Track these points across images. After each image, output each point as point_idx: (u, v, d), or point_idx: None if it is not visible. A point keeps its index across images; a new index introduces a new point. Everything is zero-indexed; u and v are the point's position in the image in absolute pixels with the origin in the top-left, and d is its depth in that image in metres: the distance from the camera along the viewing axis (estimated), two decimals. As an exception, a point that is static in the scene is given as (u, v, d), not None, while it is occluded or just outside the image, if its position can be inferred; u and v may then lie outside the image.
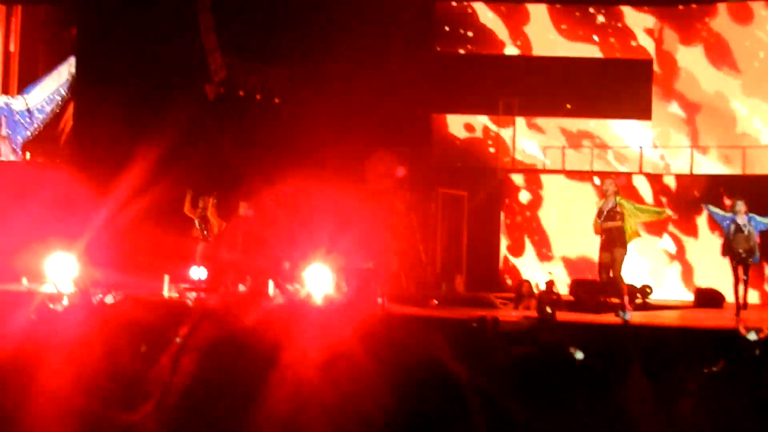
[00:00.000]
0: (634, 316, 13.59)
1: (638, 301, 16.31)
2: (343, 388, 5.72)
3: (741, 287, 14.49)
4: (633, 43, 19.75)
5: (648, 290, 16.72)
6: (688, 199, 18.23)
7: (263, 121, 18.90)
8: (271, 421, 5.19)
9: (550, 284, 15.65)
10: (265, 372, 5.88)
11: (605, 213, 15.80)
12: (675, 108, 19.49)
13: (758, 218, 14.68)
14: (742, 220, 14.56)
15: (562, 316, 12.81)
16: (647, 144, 19.49)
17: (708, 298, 16.22)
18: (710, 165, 19.16)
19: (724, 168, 19.09)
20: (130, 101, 18.40)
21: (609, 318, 12.81)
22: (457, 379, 5.47)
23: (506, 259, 19.43)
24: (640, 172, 18.92)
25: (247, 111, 19.17)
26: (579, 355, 9.05)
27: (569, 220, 18.85)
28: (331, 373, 6.12)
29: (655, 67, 19.73)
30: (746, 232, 14.50)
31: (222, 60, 18.98)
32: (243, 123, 18.86)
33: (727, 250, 14.62)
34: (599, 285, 16.67)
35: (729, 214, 14.80)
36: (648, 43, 19.72)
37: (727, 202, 15.92)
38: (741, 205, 14.66)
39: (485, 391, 5.05)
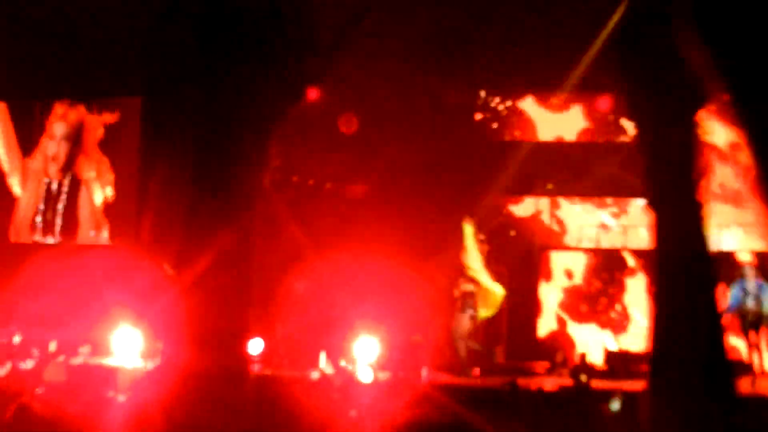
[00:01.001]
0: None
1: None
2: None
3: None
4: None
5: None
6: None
7: (315, 204, 19.76)
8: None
9: (583, 355, 16.38)
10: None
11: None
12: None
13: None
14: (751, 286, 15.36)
15: (596, 383, 13.50)
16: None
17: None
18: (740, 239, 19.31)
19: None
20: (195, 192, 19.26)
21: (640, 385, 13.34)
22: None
23: (545, 330, 19.89)
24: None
25: (301, 195, 19.99)
26: (615, 405, 9.96)
27: (602, 294, 19.59)
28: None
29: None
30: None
31: (277, 149, 19.57)
32: (297, 206, 19.60)
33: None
34: (632, 355, 17.31)
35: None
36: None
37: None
38: (748, 270, 15.53)
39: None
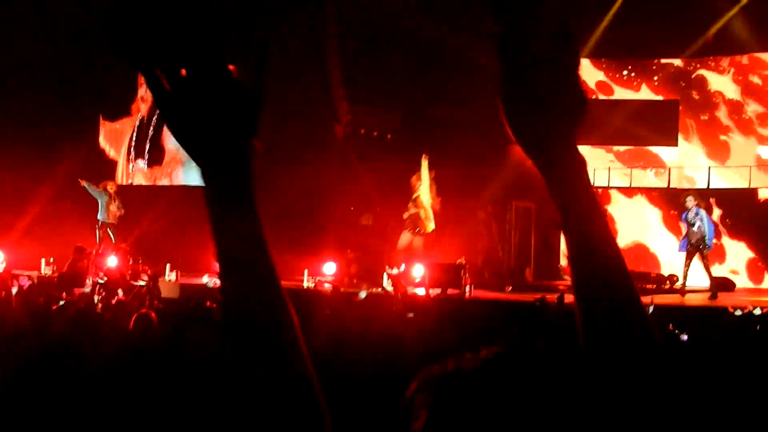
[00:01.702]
0: (666, 298, 15.53)
1: (666, 286, 18.40)
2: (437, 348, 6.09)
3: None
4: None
5: (674, 278, 18.43)
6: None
7: (380, 153, 21.07)
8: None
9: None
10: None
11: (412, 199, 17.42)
12: (696, 135, 22.15)
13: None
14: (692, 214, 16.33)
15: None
16: (675, 164, 22.06)
17: (721, 285, 17.77)
18: (723, 181, 21.40)
19: (736, 183, 21.24)
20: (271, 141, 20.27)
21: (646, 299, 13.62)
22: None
23: (565, 254, 21.74)
24: (668, 187, 21.55)
25: (367, 146, 21.40)
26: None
27: (614, 225, 20.97)
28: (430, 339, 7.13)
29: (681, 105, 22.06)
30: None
31: (348, 106, 21.33)
32: (364, 155, 20.95)
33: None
34: (635, 273, 19.33)
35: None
36: (676, 86, 22.27)
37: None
38: (690, 200, 16.56)
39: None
